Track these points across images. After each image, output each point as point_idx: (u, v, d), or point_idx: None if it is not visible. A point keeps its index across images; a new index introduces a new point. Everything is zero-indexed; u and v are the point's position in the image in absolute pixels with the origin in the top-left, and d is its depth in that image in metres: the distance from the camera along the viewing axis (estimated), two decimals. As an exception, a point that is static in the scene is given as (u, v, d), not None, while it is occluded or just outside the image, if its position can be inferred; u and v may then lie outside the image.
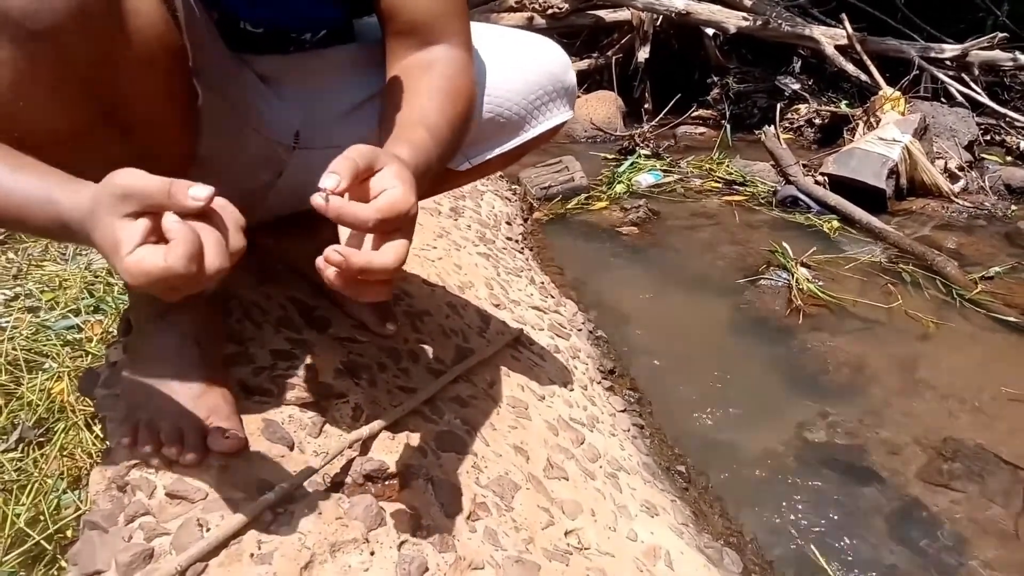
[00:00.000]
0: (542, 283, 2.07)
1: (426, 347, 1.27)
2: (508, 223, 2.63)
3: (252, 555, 0.72)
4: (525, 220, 2.80)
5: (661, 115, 4.05)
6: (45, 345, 1.67)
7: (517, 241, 2.44)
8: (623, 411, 1.52)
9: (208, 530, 0.73)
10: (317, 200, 0.62)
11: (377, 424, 0.96)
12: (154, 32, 0.69)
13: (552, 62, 1.10)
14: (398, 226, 0.66)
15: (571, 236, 2.68)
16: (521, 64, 1.08)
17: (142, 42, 0.68)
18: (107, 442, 1.08)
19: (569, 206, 2.91)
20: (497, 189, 3.03)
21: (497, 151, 1.10)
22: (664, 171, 3.31)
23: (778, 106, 4.03)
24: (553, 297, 1.98)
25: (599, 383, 1.59)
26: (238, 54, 0.92)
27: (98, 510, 0.79)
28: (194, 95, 0.77)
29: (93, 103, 0.68)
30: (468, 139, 0.99)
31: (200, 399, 0.87)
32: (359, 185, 0.66)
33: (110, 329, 1.76)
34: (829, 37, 4.05)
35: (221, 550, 0.72)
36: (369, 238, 0.67)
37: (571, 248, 2.55)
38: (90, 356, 1.64)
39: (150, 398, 0.86)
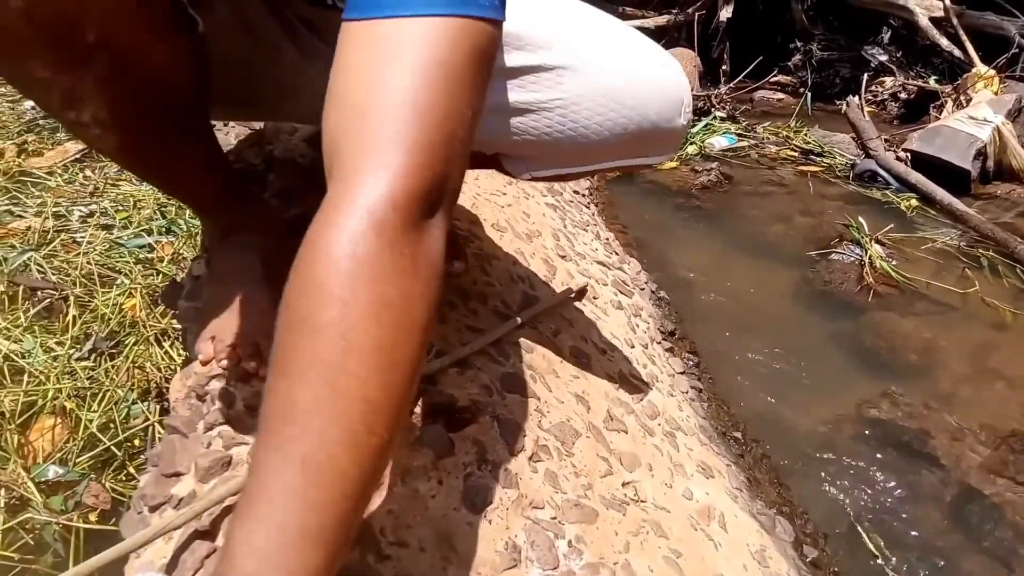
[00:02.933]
0: (607, 239, 2.05)
1: (494, 290, 1.27)
2: (575, 177, 2.60)
3: (326, 471, 0.74)
4: (592, 175, 2.77)
5: (739, 78, 3.93)
6: (118, 262, 1.73)
7: (584, 195, 2.41)
8: (682, 373, 1.51)
9: (285, 443, 0.75)
10: None
11: (447, 359, 0.97)
12: None
13: (664, 103, 0.88)
14: None
15: (637, 195, 2.64)
16: (623, 93, 0.86)
17: None
18: (185, 353, 1.12)
19: (638, 165, 2.86)
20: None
21: (562, 171, 0.96)
22: (739, 135, 3.22)
23: (863, 77, 3.87)
24: (617, 254, 1.96)
25: (659, 343, 1.58)
26: None
27: (178, 416, 0.82)
28: (186, 23, 0.73)
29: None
30: (535, 152, 0.90)
31: (270, 316, 0.88)
32: None
33: (181, 250, 1.81)
34: (924, 8, 3.85)
35: (297, 464, 0.74)
36: None
37: (637, 207, 2.52)
38: (161, 275, 1.69)
39: (227, 313, 0.89)
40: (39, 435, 1.23)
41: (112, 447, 1.22)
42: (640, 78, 0.87)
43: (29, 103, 2.74)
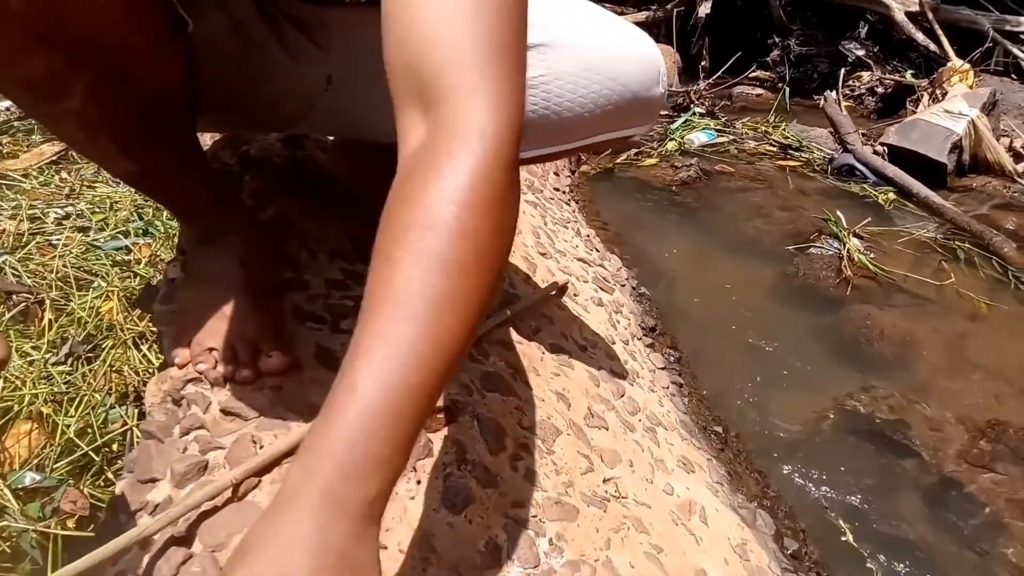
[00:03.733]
0: (588, 236, 2.06)
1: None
2: (556, 174, 2.60)
3: (304, 474, 0.73)
4: (572, 172, 2.77)
5: (718, 73, 3.95)
6: (95, 264, 1.71)
7: (564, 192, 2.41)
8: (663, 368, 1.52)
9: (261, 447, 0.75)
10: None
11: (426, 359, 0.97)
12: None
13: (642, 72, 0.93)
14: None
15: (618, 191, 2.64)
16: (602, 66, 0.90)
17: None
18: (162, 356, 1.11)
19: (618, 161, 2.87)
20: (546, 139, 3.00)
21: (540, 152, 0.97)
22: (718, 131, 3.24)
23: (840, 72, 3.91)
24: (598, 251, 1.97)
25: (640, 339, 1.58)
26: None
27: (154, 421, 0.82)
28: (178, 24, 0.73)
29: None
30: None
31: (248, 320, 0.88)
32: None
33: (158, 252, 1.80)
34: (900, 3, 3.89)
35: (274, 467, 0.73)
36: None
37: (617, 203, 2.52)
38: (138, 277, 1.68)
39: (204, 316, 0.88)
40: (15, 441, 1.21)
41: (90, 452, 1.21)
42: (618, 50, 0.91)
43: (3, 104, 2.70)
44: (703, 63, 4.24)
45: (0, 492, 1.11)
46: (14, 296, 1.58)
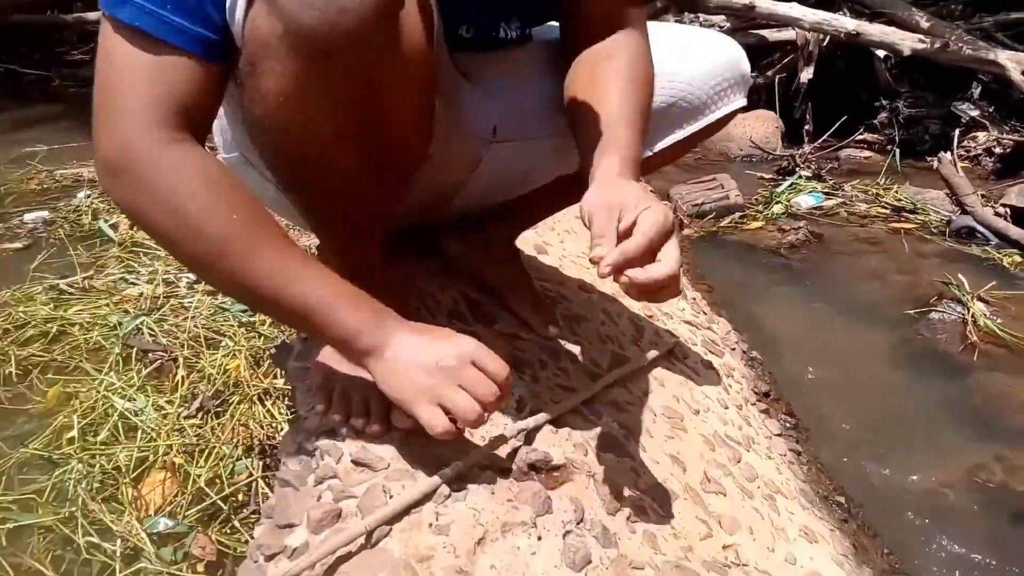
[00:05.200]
0: (693, 299, 2.04)
1: (584, 350, 1.28)
2: (659, 238, 2.60)
3: (431, 525, 0.75)
4: (675, 236, 2.76)
5: (823, 137, 3.89)
6: (223, 325, 1.82)
7: (668, 256, 2.41)
8: (779, 435, 1.47)
9: (391, 497, 0.77)
10: (603, 271, 0.74)
11: (542, 416, 0.98)
12: (418, 53, 0.74)
13: (728, 49, 1.15)
14: (666, 238, 0.76)
15: (723, 255, 2.62)
16: (699, 51, 1.12)
17: (407, 63, 0.73)
18: (294, 410, 1.16)
19: (722, 224, 2.85)
20: (648, 204, 3.01)
21: (677, 136, 1.14)
22: (826, 194, 3.17)
23: (954, 133, 3.77)
24: (705, 314, 1.95)
25: (754, 404, 1.54)
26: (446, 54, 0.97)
27: (289, 470, 0.86)
28: (433, 106, 0.83)
29: (355, 116, 0.74)
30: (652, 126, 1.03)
31: None
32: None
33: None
34: (1015, 62, 3.75)
35: (403, 517, 0.75)
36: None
37: (723, 267, 2.49)
38: (263, 337, 1.77)
39: (340, 372, 0.92)
40: (151, 489, 1.29)
41: (218, 501, 1.27)
42: (704, 33, 1.19)
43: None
44: (807, 127, 4.19)
45: (137, 536, 1.18)
46: (150, 354, 1.70)
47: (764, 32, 4.31)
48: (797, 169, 3.43)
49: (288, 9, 0.64)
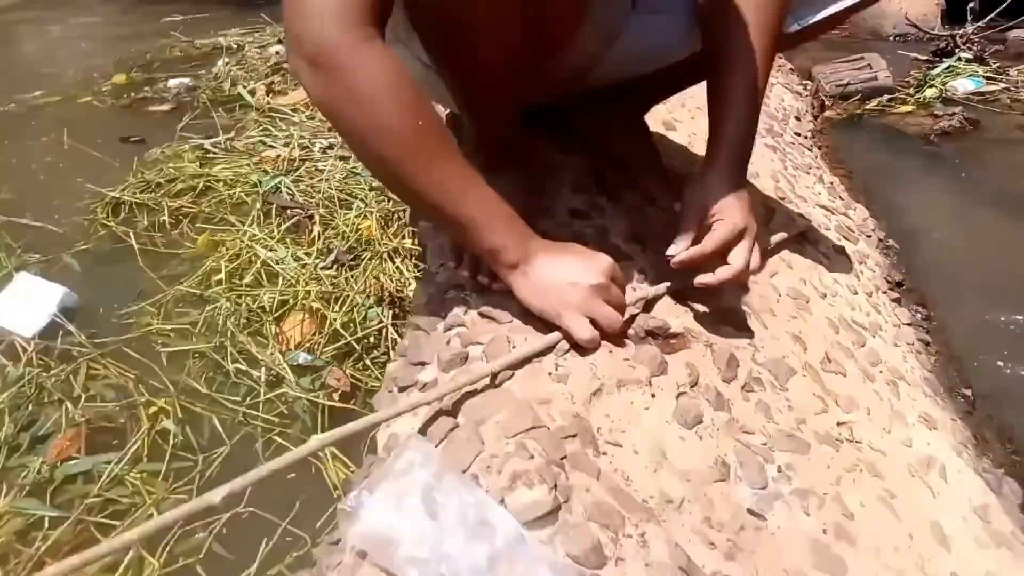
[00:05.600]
0: (831, 183, 1.95)
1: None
2: (797, 118, 2.47)
3: (550, 374, 0.79)
4: (815, 117, 2.61)
5: (991, 16, 3.48)
6: (355, 188, 1.89)
7: (806, 138, 2.29)
8: (908, 324, 1.42)
9: (514, 347, 0.81)
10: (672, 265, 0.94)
11: (663, 286, 0.99)
12: None
13: None
14: (737, 241, 0.91)
15: (866, 139, 2.46)
16: None
17: None
18: (423, 268, 1.22)
19: (867, 107, 2.66)
20: (788, 82, 2.84)
21: (831, 9, 1.07)
22: (988, 78, 2.88)
23: None
24: (842, 199, 1.86)
25: (885, 292, 1.49)
26: None
27: (421, 317, 0.91)
28: None
29: None
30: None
31: None
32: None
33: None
34: None
35: (525, 364, 0.80)
36: None
37: (865, 151, 2.35)
38: (391, 201, 1.83)
39: None
40: (291, 327, 1.41)
41: (352, 341, 1.38)
42: None
43: (275, 48, 3.03)
44: (972, 4, 3.75)
45: (280, 366, 1.30)
46: (288, 211, 1.80)
47: None
48: (956, 51, 3.11)
49: None
